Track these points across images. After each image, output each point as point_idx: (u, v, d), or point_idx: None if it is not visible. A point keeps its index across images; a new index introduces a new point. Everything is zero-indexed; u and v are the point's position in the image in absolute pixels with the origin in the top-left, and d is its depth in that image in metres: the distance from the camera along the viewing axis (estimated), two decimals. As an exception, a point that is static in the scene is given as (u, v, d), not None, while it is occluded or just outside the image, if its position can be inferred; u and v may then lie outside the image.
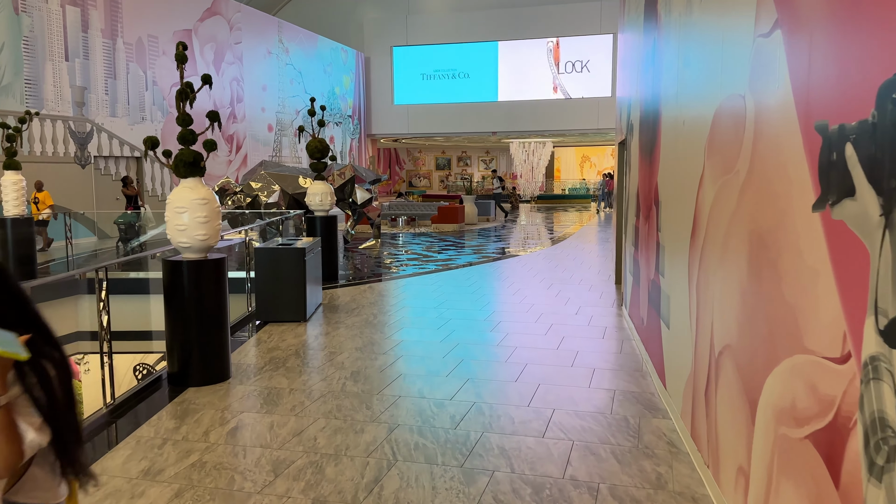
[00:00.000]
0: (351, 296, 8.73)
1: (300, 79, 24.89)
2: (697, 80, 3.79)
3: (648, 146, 5.68)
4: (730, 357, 3.07)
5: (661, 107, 5.08)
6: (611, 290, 8.99)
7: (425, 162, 44.72)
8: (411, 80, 29.75)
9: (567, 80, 28.65)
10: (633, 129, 6.97)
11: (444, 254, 13.19)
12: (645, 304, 5.71)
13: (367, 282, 9.93)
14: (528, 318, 7.36)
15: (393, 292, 9.01)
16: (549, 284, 9.48)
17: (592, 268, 11.07)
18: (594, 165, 46.27)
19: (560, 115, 28.45)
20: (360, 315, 7.53)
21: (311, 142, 10.07)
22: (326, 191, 9.90)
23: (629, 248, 7.15)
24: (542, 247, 14.36)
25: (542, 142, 33.57)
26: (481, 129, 29.48)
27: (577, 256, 12.60)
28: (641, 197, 6.08)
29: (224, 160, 20.67)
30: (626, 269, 7.62)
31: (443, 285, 9.52)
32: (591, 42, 28.09)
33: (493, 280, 10.08)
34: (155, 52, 17.94)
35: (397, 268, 11.49)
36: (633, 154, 6.84)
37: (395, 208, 20.35)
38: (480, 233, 17.76)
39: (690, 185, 3.87)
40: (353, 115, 29.13)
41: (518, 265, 11.52)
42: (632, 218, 6.92)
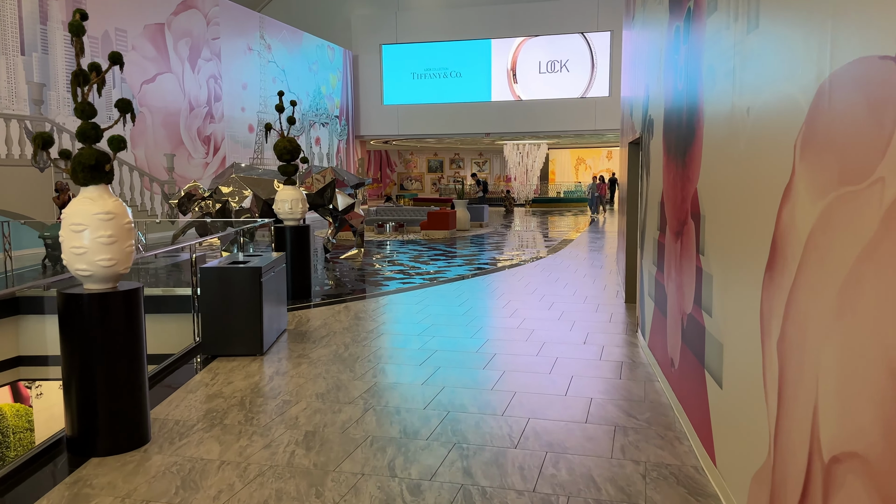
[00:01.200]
0: (323, 318, 7.56)
1: (283, 77, 23.70)
2: (777, 51, 2.65)
3: (680, 146, 4.53)
4: (862, 476, 1.92)
5: (700, 97, 3.93)
6: (620, 311, 7.85)
7: (417, 164, 43.56)
8: (401, 80, 28.61)
9: (557, 79, 27.55)
10: (653, 127, 5.84)
11: (433, 265, 12.03)
12: (676, 342, 4.56)
13: (344, 299, 8.76)
14: (528, 349, 6.20)
15: (372, 314, 7.84)
16: (549, 303, 8.33)
17: (596, 282, 9.93)
18: (589, 168, 45.22)
19: (555, 116, 27.36)
20: (329, 345, 6.36)
21: (279, 141, 8.90)
22: (297, 197, 8.73)
23: (648, 266, 6.01)
24: (539, 256, 13.22)
25: (536, 143, 32.48)
26: (474, 131, 28.36)
27: (577, 268, 11.46)
28: (668, 207, 4.93)
29: (200, 162, 19.46)
30: (642, 290, 6.48)
31: (430, 304, 8.35)
32: (584, 40, 27.01)
33: (486, 297, 8.92)
34: (123, 47, 16.72)
35: (380, 282, 10.32)
36: (655, 155, 5.70)
37: (382, 213, 19.18)
38: (473, 240, 16.61)
39: (765, 196, 2.73)
40: (340, 115, 27.95)
41: (514, 279, 10.37)
42: (652, 230, 5.78)
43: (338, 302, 8.61)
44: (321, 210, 12.85)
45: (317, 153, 26.10)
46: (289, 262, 8.67)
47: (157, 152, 17.86)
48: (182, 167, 18.67)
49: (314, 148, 25.89)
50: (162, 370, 5.63)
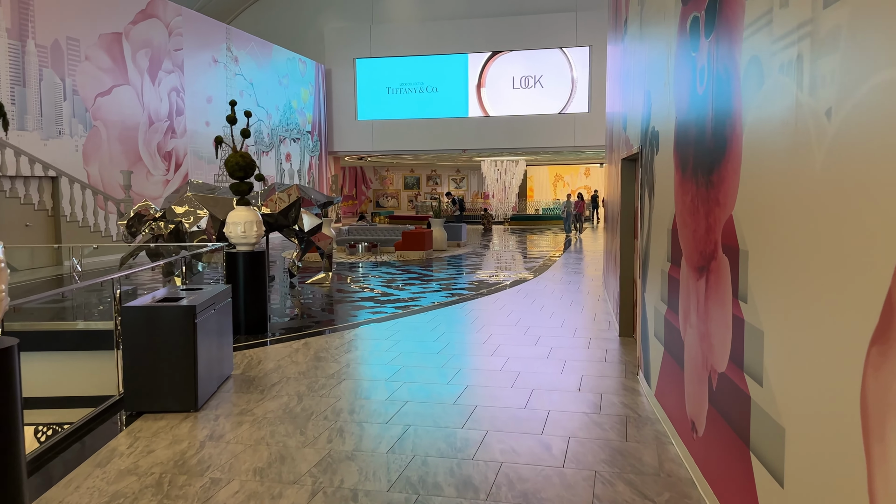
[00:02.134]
0: (278, 359, 6.58)
1: (251, 91, 22.74)
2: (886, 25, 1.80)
3: (702, 162, 3.68)
4: None
5: (736, 99, 3.09)
6: (615, 347, 6.99)
7: (393, 181, 42.70)
8: (376, 94, 27.79)
9: (535, 94, 26.93)
10: (657, 141, 5.01)
11: (407, 290, 11.10)
12: (700, 402, 3.68)
13: (305, 334, 7.78)
14: (514, 398, 5.29)
15: (335, 352, 6.88)
16: (535, 337, 7.44)
17: (585, 311, 9.07)
18: (567, 185, 44.75)
19: (534, 132, 26.70)
20: (279, 396, 5.39)
21: (230, 156, 7.95)
22: (252, 219, 7.76)
23: (654, 300, 5.14)
24: (521, 279, 12.35)
25: (514, 160, 31.82)
26: (451, 147, 27.58)
27: (562, 294, 10.60)
28: (684, 235, 4.08)
29: (160, 179, 18.37)
30: (645, 326, 5.62)
31: (402, 339, 7.42)
32: (563, 55, 26.45)
33: (464, 330, 8.01)
34: (76, 57, 15.67)
35: (349, 311, 9.36)
36: (661, 173, 4.86)
37: (354, 233, 18.22)
38: (450, 261, 15.71)
39: (869, 234, 1.87)
40: (312, 130, 27.01)
41: (495, 307, 9.47)
42: (659, 260, 4.93)
43: (297, 337, 7.63)
44: (286, 231, 11.88)
45: (287, 169, 25.10)
46: (242, 292, 7.69)
47: (113, 169, 16.75)
48: (140, 184, 17.57)
49: (284, 164, 24.89)
50: (71, 433, 4.62)
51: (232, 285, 7.72)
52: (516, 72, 26.91)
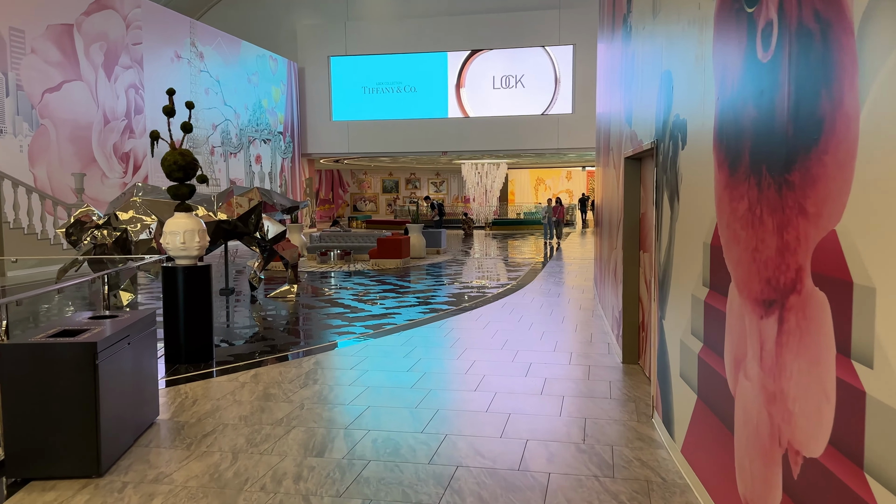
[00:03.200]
0: (218, 397, 5.47)
1: (218, 88, 21.50)
2: None
3: (773, 156, 2.66)
4: None
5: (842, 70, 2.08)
6: (618, 377, 5.97)
7: (371, 185, 41.56)
8: (351, 94, 26.67)
9: (515, 95, 25.99)
10: (684, 133, 3.99)
11: (380, 305, 10.01)
12: (765, 486, 2.66)
13: (257, 361, 6.67)
14: (506, 454, 4.24)
15: (289, 387, 5.78)
16: (525, 365, 6.40)
17: (579, 331, 8.05)
18: (549, 189, 43.95)
19: (516, 134, 25.75)
20: (210, 452, 4.28)
21: (167, 154, 6.84)
22: (193, 227, 6.64)
23: (680, 333, 4.12)
24: (505, 291, 11.32)
25: (496, 163, 30.87)
26: (430, 149, 26.53)
27: (551, 309, 9.58)
28: (737, 254, 3.06)
29: (117, 182, 17.09)
30: (664, 362, 4.61)
31: (370, 368, 6.34)
32: (545, 54, 25.55)
33: (443, 355, 6.94)
34: (20, 50, 14.38)
35: (312, 330, 8.25)
36: (691, 172, 3.84)
37: (326, 240, 17.08)
38: (429, 270, 14.64)
39: None
40: (284, 131, 25.81)
41: (477, 325, 8.42)
42: (687, 282, 3.90)
43: (248, 366, 6.51)
44: (247, 239, 10.75)
45: (258, 172, 23.88)
46: (182, 314, 6.56)
47: (63, 171, 15.46)
48: (94, 188, 16.28)
49: (254, 166, 23.66)
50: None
51: (170, 305, 6.61)
52: (497, 71, 25.96)
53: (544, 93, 25.78)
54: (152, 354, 4.91)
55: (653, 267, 4.98)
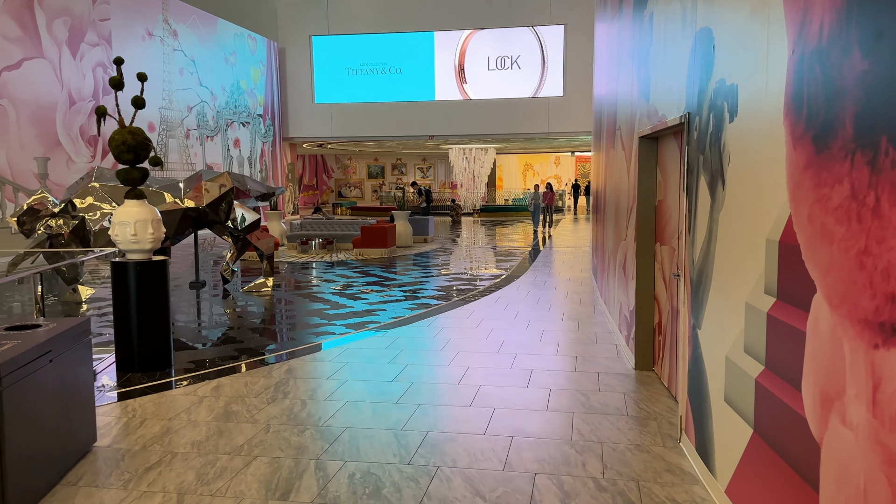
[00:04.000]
0: (171, 415, 4.69)
1: (193, 68, 20.47)
2: None
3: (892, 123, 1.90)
4: None
5: None
6: (632, 387, 5.24)
7: (356, 170, 40.59)
8: (334, 75, 25.68)
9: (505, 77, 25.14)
10: (732, 103, 3.23)
11: (362, 300, 9.23)
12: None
13: (221, 369, 5.88)
14: (513, 492, 3.49)
15: (254, 402, 5.01)
16: (525, 372, 5.66)
17: (582, 328, 7.32)
18: (537, 174, 43.20)
19: (505, 117, 24.92)
20: (150, 496, 3.51)
21: (115, 133, 5.99)
22: (146, 217, 5.81)
23: (730, 351, 3.37)
24: (498, 284, 10.58)
25: (483, 148, 30.05)
26: (416, 133, 25.65)
27: (548, 304, 8.85)
28: (827, 258, 2.31)
29: (84, 167, 16.11)
30: (699, 380, 3.87)
31: (349, 377, 5.58)
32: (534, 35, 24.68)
33: (432, 360, 6.18)
34: (-26, 23, 13.33)
35: (286, 331, 7.46)
36: (748, 150, 3.07)
37: (308, 228, 16.23)
38: (416, 260, 13.86)
39: None
40: (264, 114, 24.80)
41: (469, 323, 7.67)
42: (741, 288, 3.15)
43: (210, 375, 5.72)
44: (218, 228, 9.90)
45: (236, 157, 22.90)
46: (135, 316, 5.75)
47: (25, 155, 14.47)
48: (59, 173, 15.31)
49: (233, 151, 22.69)
50: None
51: (122, 306, 5.80)
52: (491, 52, 25.04)
53: (532, 74, 24.94)
54: (86, 370, 4.10)
55: (682, 264, 4.23)
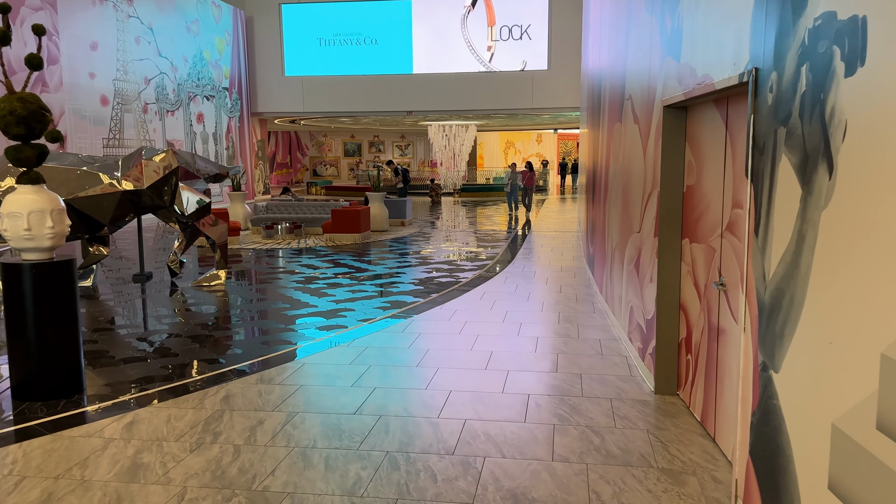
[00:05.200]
0: (56, 472, 3.54)
1: (151, 37, 18.91)
2: None
3: None
4: None
5: None
6: (653, 419, 4.19)
7: (332, 148, 39.14)
8: (306, 46, 24.19)
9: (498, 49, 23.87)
10: (843, 58, 2.11)
11: (328, 296, 8.08)
12: None
13: (138, 397, 4.73)
14: None
15: (173, 448, 3.88)
16: (522, 398, 4.58)
17: (582, 337, 6.25)
18: (519, 152, 42.06)
19: (487, 92, 23.67)
20: None
21: (2, 101, 4.74)
22: (44, 207, 4.60)
23: (833, 414, 2.29)
24: (481, 276, 9.48)
25: (464, 125, 28.80)
26: (394, 108, 24.32)
27: (541, 302, 7.77)
28: None
29: (27, 144, 14.60)
30: (774, 444, 2.81)
31: (300, 410, 4.46)
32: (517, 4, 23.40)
33: (406, 383, 5.06)
34: None
35: (234, 337, 6.30)
36: (867, 121, 1.96)
37: (274, 210, 14.97)
38: (392, 246, 12.72)
39: None
40: (231, 87, 23.28)
41: (451, 328, 6.56)
42: (868, 331, 2.06)
43: (126, 405, 4.57)
44: (163, 213, 8.66)
45: (200, 132, 21.43)
46: (32, 331, 4.57)
47: (-45, 129, 12.98)
48: (-4, 150, 13.82)
49: (196, 126, 21.21)
50: None
51: (16, 319, 4.62)
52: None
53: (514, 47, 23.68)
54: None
55: (741, 273, 3.15)
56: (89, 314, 7.29)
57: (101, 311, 7.48)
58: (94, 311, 7.42)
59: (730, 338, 3.59)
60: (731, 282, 3.56)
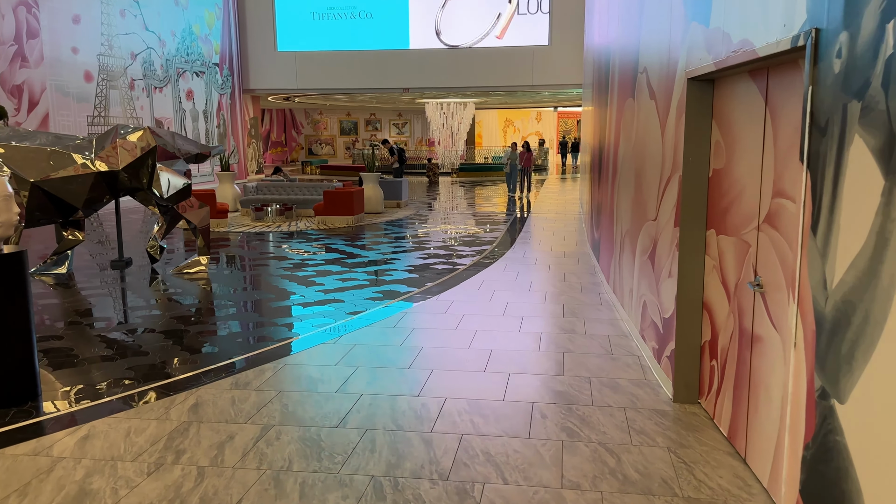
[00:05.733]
0: (-6, 501, 3.08)
1: (137, 10, 18.20)
2: None
3: None
4: None
5: None
6: (675, 434, 3.72)
7: (327, 126, 38.39)
8: (299, 20, 23.43)
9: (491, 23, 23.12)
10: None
11: (317, 285, 7.59)
12: None
13: (97, 405, 4.25)
14: None
15: (125, 474, 3.42)
16: (526, 406, 4.10)
17: (589, 334, 5.76)
18: (518, 130, 41.33)
19: (486, 69, 22.98)
20: None
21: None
22: (-14, 194, 4.08)
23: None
24: (479, 263, 8.99)
25: (462, 102, 28.12)
26: (390, 85, 23.64)
27: (544, 292, 7.29)
28: None
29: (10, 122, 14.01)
30: (840, 491, 2.33)
31: (275, 423, 3.98)
32: (523, -24, 22.60)
33: (397, 389, 4.58)
34: None
35: (212, 331, 5.81)
36: None
37: (264, 191, 14.42)
38: (387, 230, 12.20)
39: None
40: (221, 63, 22.58)
41: (448, 322, 6.08)
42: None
43: (83, 416, 4.09)
44: (141, 196, 8.13)
45: (189, 110, 20.79)
46: (-28, 332, 4.07)
47: (-72, 106, 12.36)
48: (-27, 128, 13.23)
49: (185, 103, 20.56)
50: None
51: (-44, 318, 4.11)
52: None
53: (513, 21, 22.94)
54: None
55: (791, 278, 2.66)
56: (59, 305, 6.79)
57: (72, 301, 6.98)
58: (66, 302, 6.93)
59: (768, 347, 3.11)
60: (770, 283, 3.06)
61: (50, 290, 7.45)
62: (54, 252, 8.47)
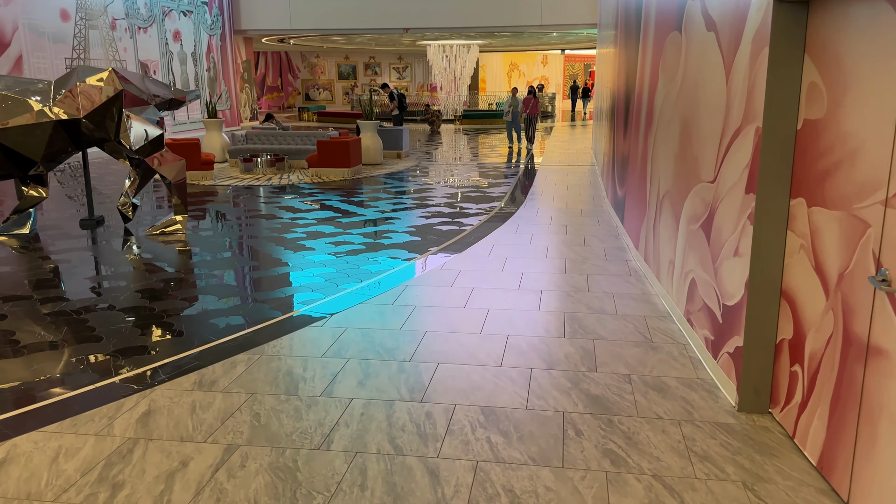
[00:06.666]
0: None
1: (115, -59, 16.82)
2: None
3: None
4: None
5: None
6: (749, 461, 2.93)
7: (325, 70, 36.90)
8: (292, -44, 21.88)
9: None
10: None
11: (306, 250, 6.75)
12: None
13: (33, 410, 3.47)
14: None
15: (51, 513, 2.63)
16: (556, 416, 3.31)
17: (621, 315, 4.94)
18: (523, 74, 39.77)
19: (491, 8, 21.58)
20: None
21: None
22: None
23: None
24: (488, 224, 8.12)
25: (466, 45, 26.70)
26: (389, 26, 22.27)
27: (563, 259, 6.44)
28: None
29: (-26, 65, 12.97)
30: None
31: (239, 444, 3.20)
32: None
33: (394, 389, 3.78)
34: None
35: (177, 318, 4.99)
36: None
37: (253, 140, 13.43)
38: (386, 183, 11.28)
39: None
40: (210, 1, 21.19)
41: (455, 298, 5.25)
42: None
43: (10, 427, 3.30)
44: (109, 147, 7.21)
45: (177, 52, 19.55)
46: None
47: None
48: (-64, 71, 12.20)
49: (172, 45, 19.31)
50: None
51: None
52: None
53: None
54: None
55: None
56: (10, 275, 5.96)
57: (28, 269, 6.15)
58: (19, 270, 6.09)
59: (895, 365, 2.28)
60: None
61: (10, 255, 6.61)
62: (14, 210, 7.61)
